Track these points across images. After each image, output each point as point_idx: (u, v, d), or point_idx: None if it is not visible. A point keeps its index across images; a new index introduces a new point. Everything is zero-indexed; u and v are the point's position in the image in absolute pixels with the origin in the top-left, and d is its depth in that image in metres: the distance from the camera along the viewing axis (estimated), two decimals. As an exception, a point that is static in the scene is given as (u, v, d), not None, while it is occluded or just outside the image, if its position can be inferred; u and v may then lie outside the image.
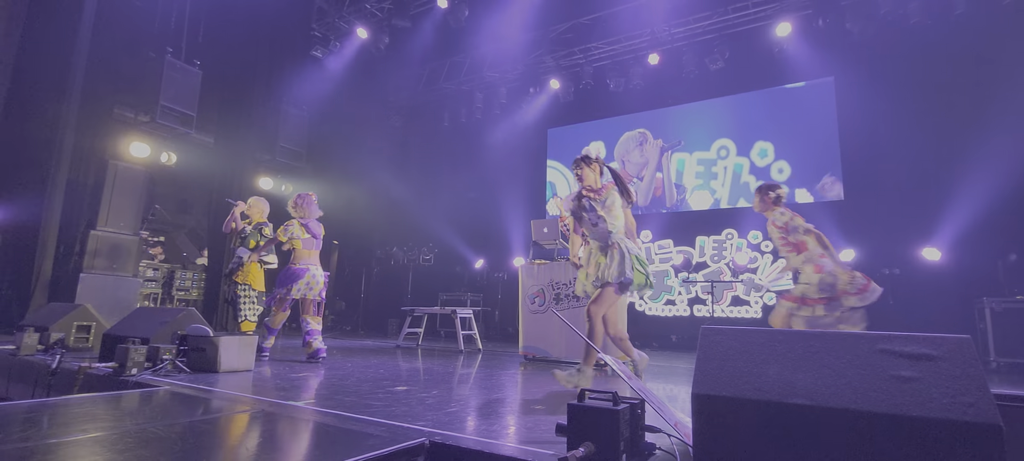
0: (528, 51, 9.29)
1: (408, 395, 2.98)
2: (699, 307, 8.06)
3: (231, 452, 1.79)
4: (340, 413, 2.34)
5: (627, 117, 9.31)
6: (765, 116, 8.19)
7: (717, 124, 8.54)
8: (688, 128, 8.79)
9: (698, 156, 8.66)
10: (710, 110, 8.64)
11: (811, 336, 1.56)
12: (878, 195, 7.05)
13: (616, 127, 9.47)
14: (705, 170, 8.56)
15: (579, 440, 1.59)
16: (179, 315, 3.97)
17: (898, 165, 6.96)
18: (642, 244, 8.71)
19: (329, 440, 2.00)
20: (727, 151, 8.42)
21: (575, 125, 9.86)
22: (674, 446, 1.80)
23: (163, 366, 3.35)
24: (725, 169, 8.41)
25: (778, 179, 7.88)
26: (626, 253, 3.24)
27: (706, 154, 8.59)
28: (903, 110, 6.96)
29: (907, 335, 1.44)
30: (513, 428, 2.20)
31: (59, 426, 2.03)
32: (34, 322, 4.58)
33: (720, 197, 8.39)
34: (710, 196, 8.47)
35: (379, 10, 8.85)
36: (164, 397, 2.67)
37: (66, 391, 3.27)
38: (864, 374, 1.40)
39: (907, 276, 6.60)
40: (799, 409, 1.39)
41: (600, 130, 9.65)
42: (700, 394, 1.53)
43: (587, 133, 9.77)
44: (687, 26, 8.19)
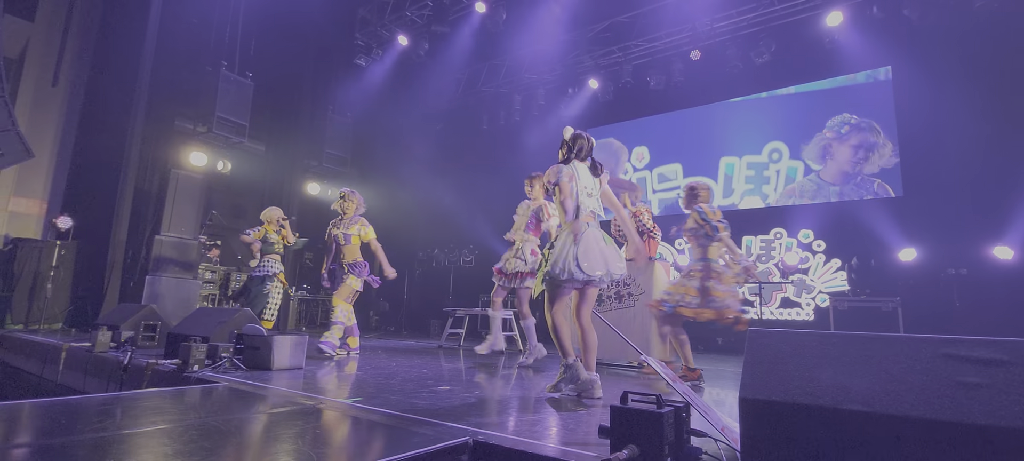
0: (566, 52, 9.26)
1: (451, 394, 3.03)
2: (746, 309, 7.79)
3: (285, 446, 1.87)
4: (387, 411, 2.41)
5: (669, 115, 9.12)
6: (816, 112, 7.84)
7: (765, 122, 8.23)
8: (735, 127, 8.50)
9: (748, 160, 8.35)
10: (757, 107, 8.34)
11: (868, 339, 1.49)
12: (940, 191, 6.61)
13: (657, 125, 9.29)
14: (756, 174, 8.23)
15: (622, 442, 1.58)
16: (236, 315, 4.18)
17: (962, 159, 6.51)
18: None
19: (377, 436, 2.06)
20: (780, 154, 8.09)
21: (615, 124, 9.75)
22: (721, 451, 1.76)
23: (222, 363, 3.53)
24: (777, 173, 8.08)
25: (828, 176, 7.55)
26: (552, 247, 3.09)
27: (757, 158, 8.28)
28: (967, 100, 6.51)
29: (974, 339, 1.36)
30: (555, 428, 2.20)
31: (131, 418, 2.19)
32: (107, 321, 4.92)
33: (772, 201, 8.08)
34: (761, 201, 8.17)
35: (419, 17, 9.04)
36: (223, 392, 2.82)
37: (136, 385, 3.51)
38: (926, 380, 1.33)
39: (975, 276, 6.16)
40: (855, 416, 1.34)
41: (640, 129, 9.50)
42: (748, 398, 1.49)
43: (627, 132, 9.64)
44: (730, 19, 7.95)
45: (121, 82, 7.76)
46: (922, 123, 6.89)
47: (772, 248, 7.79)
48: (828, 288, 7.20)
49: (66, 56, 8.20)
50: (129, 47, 7.87)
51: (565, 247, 2.94)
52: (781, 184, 8.01)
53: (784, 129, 8.07)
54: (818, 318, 7.24)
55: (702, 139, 8.79)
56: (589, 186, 3.12)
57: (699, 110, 8.83)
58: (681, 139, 9.03)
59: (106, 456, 1.64)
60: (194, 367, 3.36)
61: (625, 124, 9.66)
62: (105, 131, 7.79)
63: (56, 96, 8.09)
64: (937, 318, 6.13)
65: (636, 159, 9.44)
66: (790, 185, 7.92)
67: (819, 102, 7.85)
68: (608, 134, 9.80)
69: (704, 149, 8.73)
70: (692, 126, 8.94)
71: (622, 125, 9.69)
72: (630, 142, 9.64)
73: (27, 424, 2.06)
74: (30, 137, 6.65)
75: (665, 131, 9.21)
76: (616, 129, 9.78)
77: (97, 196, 7.50)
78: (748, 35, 7.94)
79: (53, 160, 8.01)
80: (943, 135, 6.69)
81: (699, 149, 8.80)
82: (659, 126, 9.28)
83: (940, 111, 6.73)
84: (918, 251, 6.57)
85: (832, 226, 7.35)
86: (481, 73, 10.42)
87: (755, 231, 7.95)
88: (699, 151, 8.80)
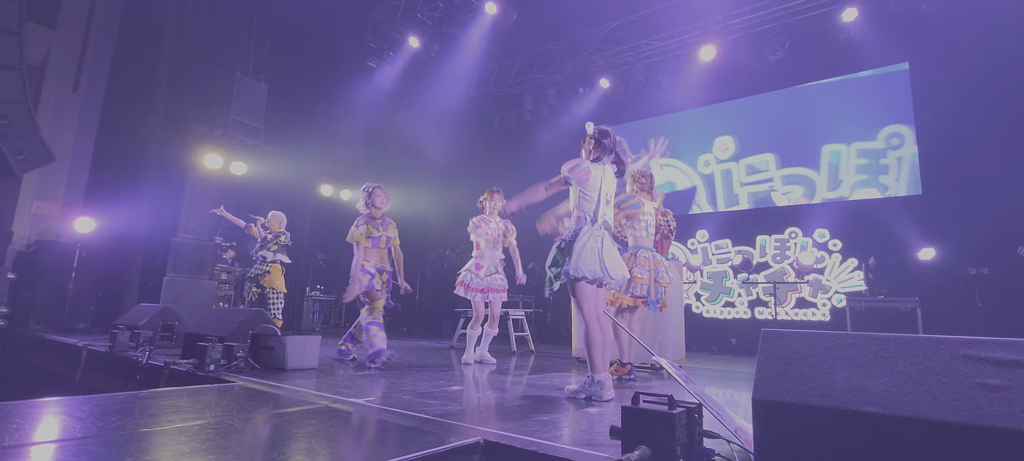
0: (577, 51, 9.23)
1: (463, 395, 3.03)
2: (761, 309, 7.71)
3: (299, 444, 1.89)
4: (399, 411, 2.43)
5: (681, 114, 9.05)
6: (832, 109, 7.72)
7: (777, 120, 8.12)
8: (746, 126, 8.41)
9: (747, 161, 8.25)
10: (769, 104, 8.24)
11: (884, 340, 1.47)
12: (961, 189, 6.47)
13: (669, 124, 9.23)
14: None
15: (634, 443, 1.58)
16: (250, 315, 4.23)
17: (983, 155, 6.36)
18: (696, 244, 8.44)
19: (389, 436, 2.08)
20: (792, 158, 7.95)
21: (626, 124, 9.70)
22: (734, 453, 1.75)
23: (237, 363, 3.58)
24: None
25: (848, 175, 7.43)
26: None
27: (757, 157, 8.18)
28: (987, 94, 6.37)
29: (995, 340, 1.33)
30: (567, 429, 2.20)
31: (149, 417, 2.23)
32: (125, 322, 5.01)
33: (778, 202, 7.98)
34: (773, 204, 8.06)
35: (430, 19, 9.08)
36: (239, 392, 2.85)
37: (154, 385, 3.57)
38: (945, 381, 1.30)
39: (997, 276, 6.02)
40: (871, 418, 1.32)
41: (652, 128, 9.44)
42: (762, 400, 1.48)
43: (639, 131, 9.58)
44: (743, 17, 7.86)
45: (139, 87, 7.91)
46: (941, 119, 6.75)
47: (787, 248, 7.69)
48: (844, 288, 7.09)
49: (86, 62, 8.37)
50: (147, 53, 8.02)
51: (590, 246, 2.91)
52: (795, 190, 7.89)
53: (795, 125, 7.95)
54: (834, 319, 7.13)
55: (715, 138, 8.69)
56: (610, 193, 3.13)
57: (711, 109, 8.75)
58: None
59: (125, 453, 1.68)
60: (210, 367, 3.41)
61: (636, 124, 9.61)
62: (124, 135, 7.94)
63: (76, 101, 8.26)
64: (958, 319, 6.01)
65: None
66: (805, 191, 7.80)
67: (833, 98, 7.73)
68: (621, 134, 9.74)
69: (717, 148, 8.63)
70: (704, 124, 8.86)
71: (633, 124, 9.64)
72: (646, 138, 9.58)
73: (50, 421, 2.11)
74: (51, 141, 6.81)
75: (676, 130, 9.14)
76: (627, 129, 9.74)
77: (116, 199, 7.65)
78: (762, 32, 7.85)
79: (74, 164, 8.18)
80: (963, 131, 6.55)
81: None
82: (672, 125, 9.22)
83: (959, 106, 6.59)
84: (937, 250, 6.44)
85: (848, 225, 7.23)
86: (492, 73, 10.44)
87: (769, 230, 7.86)
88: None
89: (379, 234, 4.45)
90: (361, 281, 4.25)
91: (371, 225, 4.42)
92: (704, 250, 8.36)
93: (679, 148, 9.08)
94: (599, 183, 3.03)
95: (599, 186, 3.02)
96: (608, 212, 3.11)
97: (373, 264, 4.39)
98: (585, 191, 3.02)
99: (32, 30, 7.17)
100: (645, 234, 3.98)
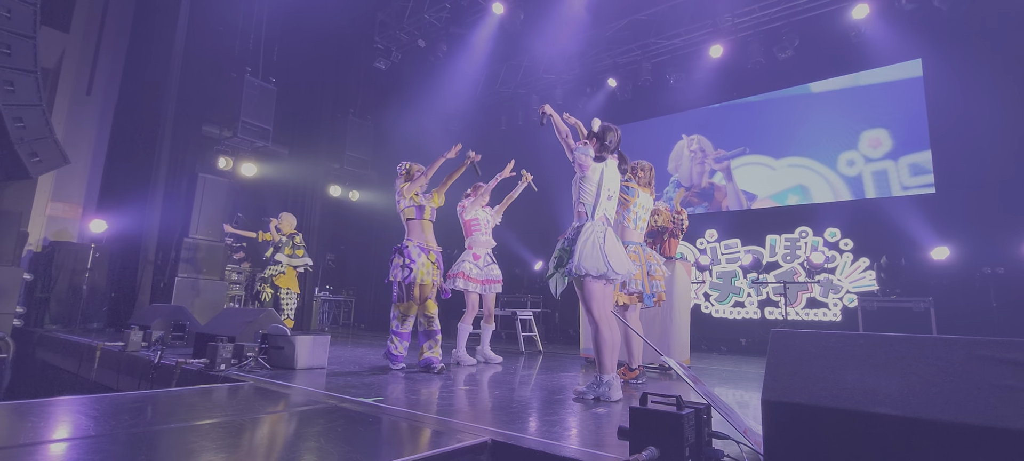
0: (584, 51, 9.21)
1: (470, 395, 3.04)
2: (771, 309, 7.64)
3: (308, 443, 1.91)
4: (407, 410, 2.43)
5: (689, 113, 9.00)
6: (845, 108, 7.64)
7: (788, 121, 8.05)
8: (756, 126, 8.34)
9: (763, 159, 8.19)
10: (779, 105, 8.17)
11: (896, 340, 1.45)
12: (976, 187, 6.37)
13: (677, 123, 9.18)
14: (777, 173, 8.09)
15: (642, 444, 1.57)
16: (260, 315, 4.27)
17: (997, 153, 6.26)
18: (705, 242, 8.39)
19: (398, 435, 2.09)
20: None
21: (634, 123, 9.66)
22: (743, 454, 1.73)
23: (247, 362, 3.61)
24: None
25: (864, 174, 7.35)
26: None
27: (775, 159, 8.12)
28: (1002, 91, 6.27)
29: (1010, 341, 1.31)
30: (574, 430, 2.19)
31: (161, 415, 2.25)
32: (138, 322, 5.08)
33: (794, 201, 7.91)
34: (782, 197, 8.00)
35: (437, 20, 9.10)
36: (249, 391, 2.88)
37: (166, 384, 3.61)
38: (959, 382, 1.29)
39: (1013, 276, 5.92)
40: (883, 419, 1.30)
41: (660, 127, 9.40)
42: (771, 401, 1.46)
43: (646, 131, 9.54)
44: (752, 14, 7.80)
45: (151, 90, 8.01)
46: (955, 117, 6.65)
47: (797, 247, 7.62)
48: (856, 288, 7.01)
49: (99, 65, 8.49)
50: (158, 56, 8.12)
51: (592, 241, 2.89)
52: (806, 181, 7.82)
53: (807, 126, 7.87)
54: (846, 319, 7.05)
55: (724, 137, 8.64)
56: (612, 189, 3.10)
57: (719, 108, 8.69)
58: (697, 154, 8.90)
59: (138, 451, 1.70)
60: (221, 366, 3.45)
61: (644, 123, 9.57)
62: (136, 137, 8.05)
63: (90, 104, 8.38)
64: (972, 319, 5.92)
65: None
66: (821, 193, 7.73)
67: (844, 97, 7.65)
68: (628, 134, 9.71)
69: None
70: (713, 124, 8.80)
71: (641, 124, 9.60)
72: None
73: (65, 420, 2.14)
74: (65, 144, 6.91)
75: (683, 131, 9.09)
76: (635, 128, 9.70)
77: (129, 200, 7.75)
78: (771, 30, 7.78)
79: (88, 166, 8.30)
80: (977, 128, 6.45)
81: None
82: (680, 124, 9.17)
83: (973, 104, 6.49)
84: (951, 249, 6.35)
85: (860, 224, 7.15)
86: (499, 74, 10.44)
87: (779, 230, 7.79)
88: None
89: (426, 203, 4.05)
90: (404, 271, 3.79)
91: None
92: (713, 249, 8.31)
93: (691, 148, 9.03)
94: (599, 177, 3.01)
95: (599, 180, 3.01)
96: (610, 208, 3.09)
97: (417, 243, 3.95)
98: (584, 183, 3.02)
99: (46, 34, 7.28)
100: (633, 226, 3.80)
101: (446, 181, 4.32)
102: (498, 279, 4.78)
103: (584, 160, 3.02)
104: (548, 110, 3.31)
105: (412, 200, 4.05)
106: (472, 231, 4.78)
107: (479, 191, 4.83)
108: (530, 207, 10.59)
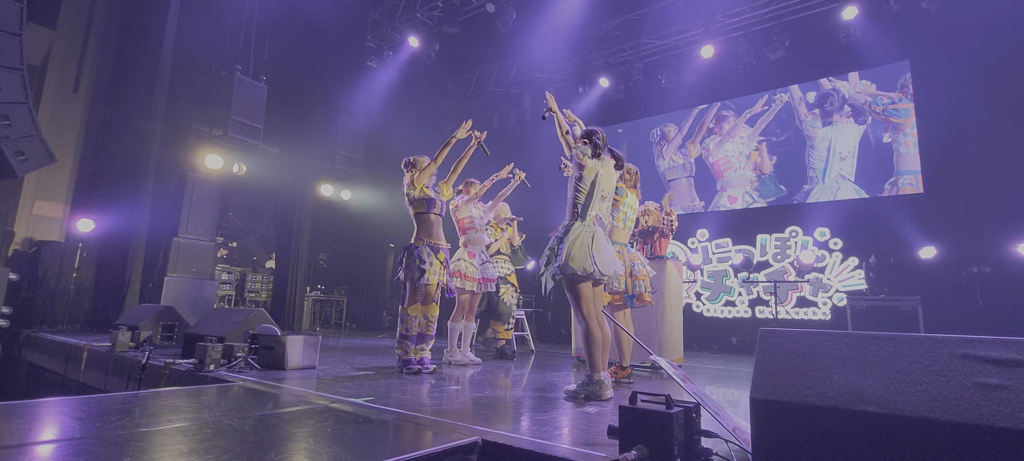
0: (576, 51, 9.23)
1: (461, 394, 3.04)
2: (761, 308, 7.70)
3: (298, 444, 1.90)
4: (398, 411, 2.43)
5: (681, 112, 9.05)
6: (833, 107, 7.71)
7: (776, 119, 8.12)
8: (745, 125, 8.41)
9: (757, 150, 8.25)
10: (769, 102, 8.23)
11: (883, 339, 1.46)
12: (962, 188, 6.46)
13: (670, 122, 9.22)
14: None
15: (631, 443, 1.58)
16: (250, 315, 4.24)
17: (984, 154, 6.35)
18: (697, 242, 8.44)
19: (387, 436, 2.08)
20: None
21: (627, 123, 9.70)
22: (732, 452, 1.74)
23: (237, 363, 3.59)
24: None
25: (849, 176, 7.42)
26: None
27: (766, 148, 8.18)
28: (989, 93, 6.36)
29: (994, 339, 1.33)
30: (565, 429, 2.20)
31: (149, 416, 2.23)
32: (127, 322, 5.02)
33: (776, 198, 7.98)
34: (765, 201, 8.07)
35: (429, 18, 9.07)
36: (238, 392, 2.86)
37: (154, 384, 3.58)
38: (943, 381, 1.30)
39: (998, 275, 6.01)
40: (869, 417, 1.31)
41: (653, 126, 9.43)
42: (759, 399, 1.48)
43: (639, 130, 9.58)
44: (742, 15, 7.85)
45: (140, 87, 7.92)
46: (942, 117, 6.74)
47: (787, 247, 7.68)
48: (845, 287, 7.08)
49: (86, 63, 8.38)
50: (147, 53, 8.03)
51: (580, 241, 2.90)
52: (796, 181, 7.89)
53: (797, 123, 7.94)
54: (835, 318, 7.12)
55: (715, 137, 8.68)
56: (607, 190, 3.11)
57: (711, 107, 8.74)
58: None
59: (124, 453, 1.68)
60: (210, 367, 3.42)
61: (636, 122, 9.60)
62: (124, 135, 7.96)
63: (77, 102, 8.27)
64: (959, 318, 6.00)
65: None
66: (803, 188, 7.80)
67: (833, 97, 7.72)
68: (621, 133, 9.75)
69: (717, 147, 8.62)
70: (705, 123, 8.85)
71: (633, 123, 9.63)
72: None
73: (51, 421, 2.11)
74: (52, 142, 6.81)
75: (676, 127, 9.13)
76: (627, 128, 9.73)
77: (117, 199, 7.66)
78: (762, 31, 7.83)
79: (75, 164, 8.20)
80: (963, 130, 6.53)
81: (712, 147, 8.69)
82: (673, 123, 9.20)
83: (961, 104, 6.58)
84: (939, 249, 6.43)
85: (849, 224, 7.22)
86: (491, 73, 10.43)
87: (769, 229, 7.85)
88: (712, 149, 8.70)
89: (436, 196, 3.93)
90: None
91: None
92: (704, 249, 8.35)
93: (679, 147, 9.07)
94: (595, 176, 3.02)
95: (594, 180, 3.01)
96: (603, 208, 3.10)
97: (427, 242, 3.84)
98: (579, 183, 3.02)
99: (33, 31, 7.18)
100: (622, 226, 3.81)
101: (455, 167, 4.27)
102: (493, 278, 4.76)
103: (582, 159, 3.02)
104: (552, 105, 3.30)
105: (422, 193, 3.92)
106: (466, 229, 4.76)
107: (472, 190, 4.80)
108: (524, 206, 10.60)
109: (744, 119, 8.43)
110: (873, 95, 7.40)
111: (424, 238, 3.88)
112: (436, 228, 3.97)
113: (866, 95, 7.45)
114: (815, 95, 7.87)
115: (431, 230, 3.92)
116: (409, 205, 3.98)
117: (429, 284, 3.81)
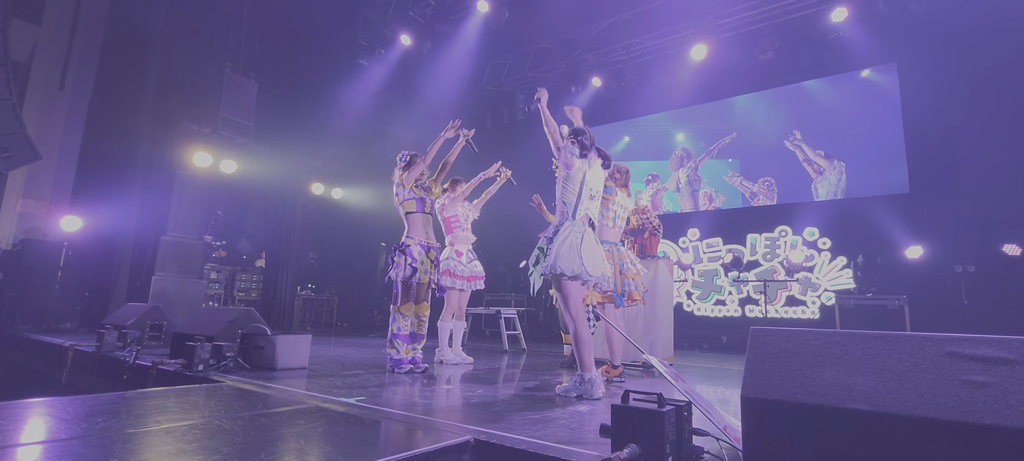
0: (569, 50, 9.24)
1: (453, 394, 3.03)
2: (751, 307, 7.76)
3: (287, 445, 1.88)
4: (389, 410, 2.41)
5: (673, 113, 9.09)
6: (821, 108, 7.79)
7: (768, 120, 8.19)
8: (737, 125, 8.47)
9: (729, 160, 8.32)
10: (760, 104, 8.30)
11: (871, 337, 1.48)
12: (948, 187, 6.56)
13: (662, 123, 9.26)
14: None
15: (623, 442, 1.58)
16: (240, 315, 4.20)
17: (971, 155, 6.45)
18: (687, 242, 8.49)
19: (379, 436, 2.07)
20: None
21: (618, 123, 9.73)
22: (723, 450, 1.75)
23: (226, 362, 3.55)
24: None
25: (836, 174, 7.50)
26: None
27: (757, 148, 8.25)
28: (975, 95, 6.45)
29: (979, 337, 1.34)
30: (557, 428, 2.20)
31: (136, 418, 2.20)
32: (113, 322, 4.95)
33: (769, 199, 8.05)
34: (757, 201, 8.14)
35: (422, 17, 9.04)
36: (227, 392, 2.83)
37: (141, 385, 3.53)
38: (930, 378, 1.32)
39: (983, 274, 6.11)
40: (858, 415, 1.33)
41: (645, 126, 9.47)
42: (750, 397, 1.48)
43: (631, 129, 9.61)
44: (733, 16, 7.90)
45: (127, 84, 7.81)
46: (929, 118, 6.83)
47: (777, 246, 7.75)
48: (834, 286, 7.16)
49: (73, 59, 8.25)
50: (135, 49, 7.92)
51: (569, 242, 2.90)
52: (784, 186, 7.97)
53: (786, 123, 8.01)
54: (824, 316, 7.20)
55: (706, 137, 8.73)
56: (595, 189, 3.11)
57: (702, 108, 8.80)
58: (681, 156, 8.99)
59: (111, 455, 1.65)
60: (198, 367, 3.38)
61: (628, 122, 9.63)
62: (112, 133, 7.84)
63: (63, 99, 8.14)
64: (945, 317, 6.09)
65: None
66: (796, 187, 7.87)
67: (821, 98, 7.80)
68: (613, 132, 9.77)
69: (708, 147, 8.68)
70: (695, 123, 8.90)
71: (625, 123, 9.66)
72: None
73: (35, 423, 2.08)
74: (37, 139, 6.70)
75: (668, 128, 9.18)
76: (619, 127, 9.76)
77: (104, 197, 7.55)
78: (752, 32, 7.89)
79: (60, 162, 8.06)
80: (950, 130, 6.63)
81: (703, 147, 8.75)
82: (664, 124, 9.25)
83: (947, 106, 6.67)
84: (925, 248, 6.52)
85: (838, 223, 7.30)
86: (484, 71, 10.41)
87: (759, 229, 7.91)
88: (703, 149, 8.76)
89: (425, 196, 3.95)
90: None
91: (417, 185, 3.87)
92: (695, 248, 8.41)
93: (673, 147, 9.11)
94: (582, 176, 3.02)
95: (582, 179, 3.02)
96: (593, 207, 3.10)
97: (417, 241, 3.84)
98: (567, 182, 3.02)
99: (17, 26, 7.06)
100: (612, 225, 3.81)
101: (443, 166, 4.27)
102: (481, 275, 4.76)
103: (569, 159, 3.02)
104: (543, 100, 3.30)
105: (412, 192, 3.92)
106: (453, 228, 4.75)
107: (458, 188, 4.79)
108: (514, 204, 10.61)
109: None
110: (859, 96, 7.49)
111: (415, 237, 3.87)
112: (427, 227, 3.97)
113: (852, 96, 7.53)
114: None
115: (422, 229, 3.92)
116: (399, 205, 3.97)
117: (420, 283, 3.81)
